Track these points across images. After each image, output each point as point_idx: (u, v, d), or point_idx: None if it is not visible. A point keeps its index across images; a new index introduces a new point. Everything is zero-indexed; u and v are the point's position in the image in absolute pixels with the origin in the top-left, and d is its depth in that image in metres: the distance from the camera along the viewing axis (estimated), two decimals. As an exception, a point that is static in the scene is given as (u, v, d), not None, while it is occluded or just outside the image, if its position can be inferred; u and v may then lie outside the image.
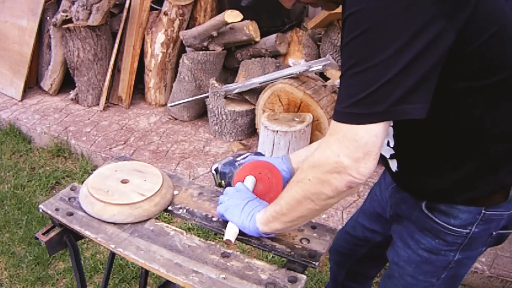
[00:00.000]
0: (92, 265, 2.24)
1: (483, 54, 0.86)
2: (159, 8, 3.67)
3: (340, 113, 0.84)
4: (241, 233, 1.12)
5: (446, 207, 1.05)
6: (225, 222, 1.20)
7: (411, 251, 1.14)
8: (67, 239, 1.27)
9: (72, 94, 3.83)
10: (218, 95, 3.13)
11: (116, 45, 3.64)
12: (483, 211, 1.02)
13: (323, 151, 0.86)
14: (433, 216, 1.07)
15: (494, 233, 1.07)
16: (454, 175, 1.00)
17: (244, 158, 1.28)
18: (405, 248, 1.15)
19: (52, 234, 1.24)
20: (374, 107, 0.80)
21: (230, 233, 1.12)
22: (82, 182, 1.34)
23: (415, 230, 1.12)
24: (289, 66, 3.15)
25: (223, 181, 1.29)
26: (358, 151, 0.82)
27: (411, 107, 0.80)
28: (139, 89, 3.87)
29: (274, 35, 3.27)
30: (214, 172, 1.30)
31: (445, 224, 1.05)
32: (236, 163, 1.27)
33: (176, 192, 1.35)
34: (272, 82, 2.96)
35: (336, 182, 0.87)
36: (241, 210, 1.10)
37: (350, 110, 0.82)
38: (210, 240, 1.20)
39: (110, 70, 3.65)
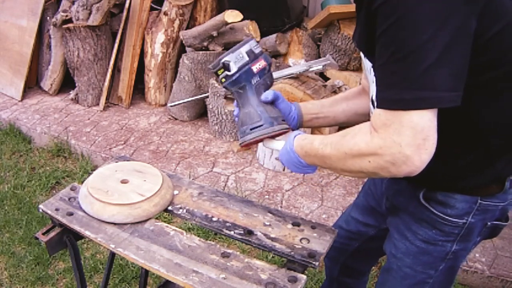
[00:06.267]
0: (92, 265, 2.24)
1: (492, 47, 0.87)
2: (159, 8, 3.67)
3: (390, 100, 0.84)
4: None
5: (443, 196, 1.06)
6: (225, 222, 1.20)
7: (408, 243, 1.15)
8: (67, 239, 1.27)
9: (72, 94, 3.83)
10: (218, 95, 3.13)
11: (116, 45, 3.64)
12: (479, 201, 1.04)
13: (384, 140, 0.85)
14: (430, 207, 1.08)
15: (489, 223, 1.09)
16: (455, 163, 1.01)
17: (260, 70, 1.15)
18: (402, 239, 1.16)
19: (52, 234, 1.24)
20: (422, 92, 0.81)
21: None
22: (82, 182, 1.34)
23: (412, 221, 1.13)
24: (289, 66, 3.15)
25: (227, 84, 1.15)
26: (417, 137, 0.82)
27: (456, 95, 0.82)
28: (139, 89, 3.87)
29: (274, 35, 3.27)
30: (221, 64, 1.14)
31: (442, 215, 1.07)
32: (253, 79, 1.14)
33: (176, 192, 1.35)
34: (272, 82, 2.96)
35: (394, 171, 0.87)
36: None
37: (400, 96, 0.82)
38: (210, 240, 1.20)
39: (110, 70, 3.66)
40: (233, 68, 1.12)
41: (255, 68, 1.14)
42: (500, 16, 0.86)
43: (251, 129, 1.13)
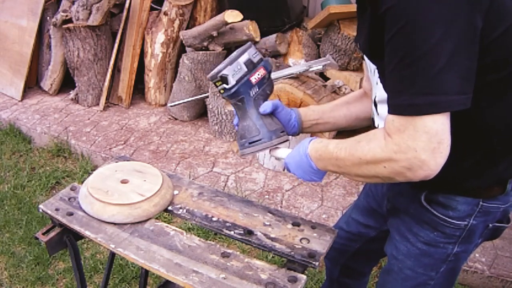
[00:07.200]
0: (92, 265, 2.24)
1: (497, 48, 0.87)
2: (159, 8, 3.67)
3: (402, 106, 0.84)
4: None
5: (444, 198, 1.06)
6: (225, 222, 1.20)
7: (409, 244, 1.14)
8: (67, 239, 1.27)
9: (72, 94, 3.83)
10: (218, 95, 3.13)
11: (116, 45, 3.63)
12: (481, 203, 1.04)
13: (399, 145, 0.86)
14: (431, 209, 1.08)
15: (490, 225, 1.09)
16: (458, 165, 1.00)
17: (259, 80, 1.14)
18: (403, 241, 1.16)
19: (52, 234, 1.24)
20: (433, 97, 0.81)
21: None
22: (82, 182, 1.34)
23: (413, 223, 1.13)
24: (289, 66, 3.15)
25: (225, 96, 1.14)
26: (432, 141, 0.83)
27: (466, 97, 0.82)
28: (139, 89, 3.87)
29: (274, 35, 3.27)
30: (219, 77, 1.13)
31: (443, 217, 1.06)
32: (251, 90, 1.14)
33: (176, 192, 1.35)
34: (272, 82, 2.95)
35: (411, 176, 0.87)
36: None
37: (411, 101, 0.82)
38: (210, 240, 1.20)
39: (110, 70, 3.65)
40: (231, 82, 1.12)
41: (254, 78, 1.14)
42: (502, 17, 0.86)
43: (249, 143, 1.15)
